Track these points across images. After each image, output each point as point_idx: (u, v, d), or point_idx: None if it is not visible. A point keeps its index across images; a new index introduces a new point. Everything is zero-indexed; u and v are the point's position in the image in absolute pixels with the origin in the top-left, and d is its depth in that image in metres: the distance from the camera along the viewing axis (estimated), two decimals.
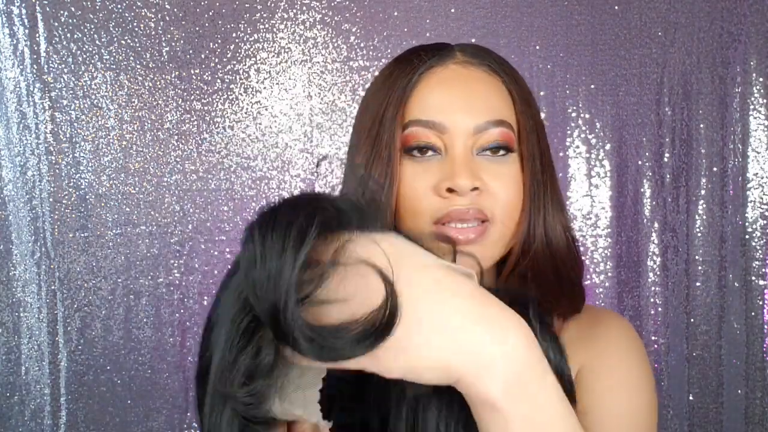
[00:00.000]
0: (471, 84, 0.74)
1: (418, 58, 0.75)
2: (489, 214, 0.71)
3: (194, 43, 1.40)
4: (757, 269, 1.44)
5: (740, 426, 1.45)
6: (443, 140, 0.72)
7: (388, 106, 0.73)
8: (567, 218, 0.77)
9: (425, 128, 0.72)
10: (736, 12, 1.42)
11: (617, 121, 1.44)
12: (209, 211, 1.42)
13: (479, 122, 0.71)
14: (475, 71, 0.75)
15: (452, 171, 0.70)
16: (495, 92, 0.74)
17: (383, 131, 0.73)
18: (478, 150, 0.72)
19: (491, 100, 0.73)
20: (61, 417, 1.40)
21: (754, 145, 1.44)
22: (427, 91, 0.73)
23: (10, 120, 1.38)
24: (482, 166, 0.72)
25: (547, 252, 0.74)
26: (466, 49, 0.77)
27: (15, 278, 1.40)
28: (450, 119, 0.71)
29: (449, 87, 0.73)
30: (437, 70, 0.74)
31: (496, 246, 0.73)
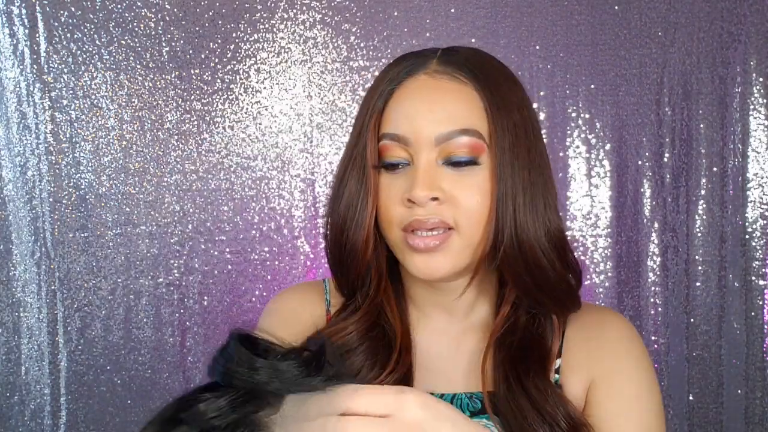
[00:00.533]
0: (437, 95, 0.75)
1: (394, 68, 0.78)
2: (452, 223, 0.73)
3: (194, 43, 1.40)
4: (757, 269, 1.44)
5: (740, 426, 1.45)
6: (408, 151, 0.74)
7: (366, 117, 0.77)
8: (551, 219, 0.76)
9: (392, 141, 0.75)
10: (736, 12, 1.42)
11: (617, 121, 1.44)
12: (209, 211, 1.42)
13: (441, 132, 0.72)
14: (443, 81, 0.76)
15: (413, 182, 0.72)
16: (462, 101, 0.74)
17: (360, 141, 0.77)
18: (443, 160, 0.73)
19: (456, 109, 0.74)
20: (61, 417, 1.40)
21: (754, 145, 1.44)
22: (395, 104, 0.76)
23: (10, 120, 1.38)
24: (446, 176, 0.73)
25: (518, 253, 0.74)
26: (444, 57, 0.78)
27: (15, 278, 1.40)
28: (412, 131, 0.73)
29: (414, 99, 0.75)
30: (407, 83, 0.76)
31: (461, 254, 0.74)
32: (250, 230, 1.42)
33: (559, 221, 0.78)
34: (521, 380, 0.74)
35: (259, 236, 1.42)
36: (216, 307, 1.42)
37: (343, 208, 0.77)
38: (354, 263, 0.77)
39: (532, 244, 0.74)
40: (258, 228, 1.42)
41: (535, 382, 0.74)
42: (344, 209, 0.77)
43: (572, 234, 1.46)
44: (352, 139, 0.79)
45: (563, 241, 0.78)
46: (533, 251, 0.75)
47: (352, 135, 0.80)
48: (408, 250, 0.74)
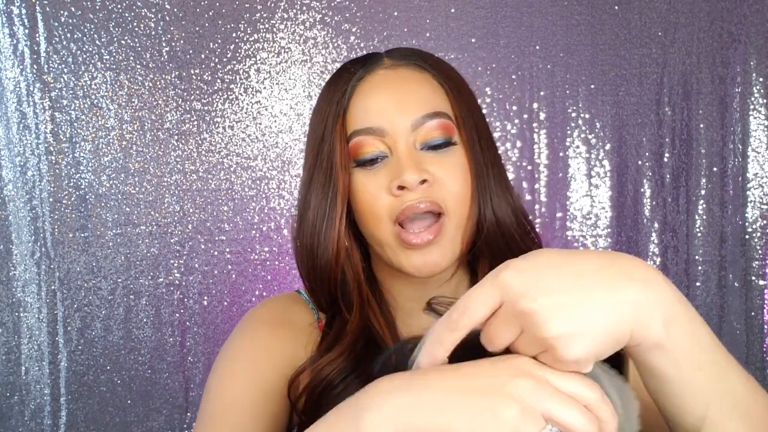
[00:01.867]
0: (401, 84, 0.77)
1: (348, 72, 0.79)
2: (443, 205, 0.73)
3: (194, 43, 1.40)
4: (757, 269, 1.44)
5: None
6: (386, 143, 0.74)
7: (327, 120, 0.77)
8: (514, 195, 0.80)
9: (367, 135, 0.74)
10: (736, 12, 1.42)
11: (617, 121, 1.44)
12: (209, 211, 1.42)
13: (415, 117, 0.74)
14: (403, 71, 0.78)
15: (399, 169, 0.72)
16: (426, 88, 0.77)
17: (324, 143, 0.77)
18: (421, 145, 0.75)
19: (423, 95, 0.76)
20: (61, 417, 1.40)
21: (754, 145, 1.44)
22: (360, 100, 0.76)
23: (10, 120, 1.38)
24: (428, 159, 0.74)
25: (498, 232, 0.77)
26: (393, 53, 0.81)
27: (15, 278, 1.40)
28: (387, 121, 0.74)
29: (381, 91, 0.76)
30: (367, 78, 0.78)
31: (454, 242, 0.75)
32: (250, 230, 1.42)
33: (520, 198, 0.82)
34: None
35: (259, 236, 1.42)
36: (216, 307, 1.42)
37: (309, 226, 0.77)
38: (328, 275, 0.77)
39: (507, 222, 0.77)
40: (258, 228, 1.42)
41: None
42: (310, 226, 0.77)
43: (572, 234, 1.46)
44: (312, 148, 0.79)
45: (526, 216, 0.81)
46: (509, 229, 0.77)
47: (311, 145, 0.79)
48: (402, 247, 0.74)
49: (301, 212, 0.79)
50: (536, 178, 1.45)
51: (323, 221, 0.76)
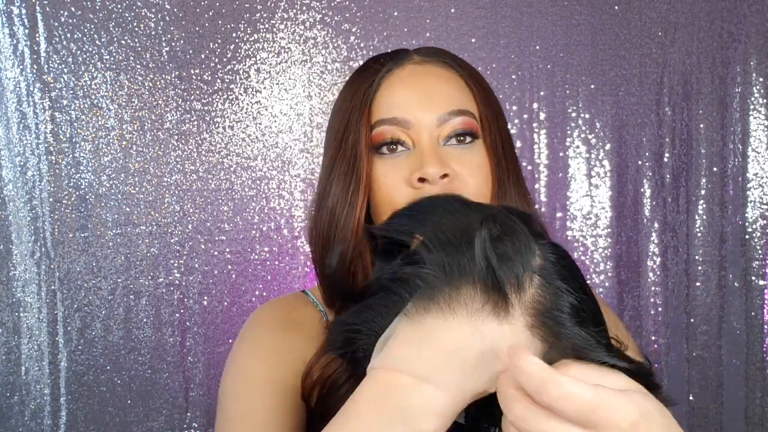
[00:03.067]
0: (429, 79, 0.77)
1: (377, 63, 0.79)
2: None
3: (194, 43, 1.40)
4: (757, 269, 1.44)
5: (740, 426, 1.45)
6: (410, 135, 0.75)
7: (353, 111, 0.77)
8: (530, 203, 0.80)
9: (391, 125, 0.75)
10: (736, 12, 1.42)
11: (617, 121, 1.44)
12: (209, 211, 1.42)
13: (441, 113, 0.74)
14: (431, 67, 0.79)
15: (421, 161, 0.72)
16: (454, 85, 0.77)
17: (348, 133, 0.76)
18: (444, 140, 0.75)
19: (451, 92, 0.76)
20: (61, 417, 1.40)
21: (754, 145, 1.44)
22: (388, 92, 0.77)
23: (10, 120, 1.38)
24: (450, 154, 0.74)
25: None
26: (422, 50, 0.81)
27: (15, 278, 1.40)
28: (413, 114, 0.74)
29: (409, 85, 0.77)
30: (396, 71, 0.78)
31: None
32: (250, 230, 1.42)
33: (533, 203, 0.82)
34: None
35: (259, 236, 1.42)
36: (216, 307, 1.42)
37: (328, 213, 0.76)
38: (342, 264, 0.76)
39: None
40: (258, 228, 1.42)
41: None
42: (329, 214, 0.76)
43: (572, 234, 1.46)
44: (335, 136, 0.78)
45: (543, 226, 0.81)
46: None
47: (334, 133, 0.79)
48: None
49: (320, 200, 0.78)
50: (536, 178, 1.45)
51: (344, 208, 0.75)
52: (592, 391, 0.41)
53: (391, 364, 0.47)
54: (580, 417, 0.41)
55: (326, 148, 0.81)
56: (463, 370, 0.45)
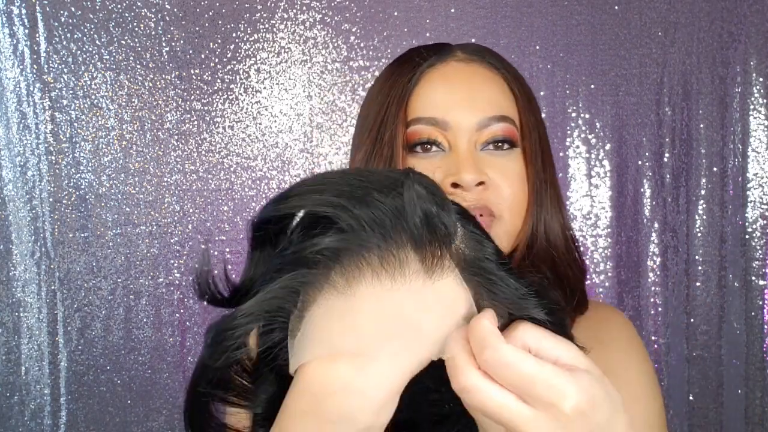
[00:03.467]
0: (473, 80, 0.73)
1: (419, 56, 0.75)
2: (495, 210, 0.70)
3: (194, 43, 1.40)
4: (757, 269, 1.44)
5: (740, 426, 1.45)
6: (446, 137, 0.71)
7: (390, 104, 0.73)
8: (566, 218, 0.77)
9: (428, 125, 0.71)
10: (736, 12, 1.42)
11: (617, 121, 1.44)
12: (209, 211, 1.42)
13: (482, 118, 0.71)
14: (476, 67, 0.75)
15: (457, 166, 0.69)
16: (497, 88, 0.74)
17: (385, 129, 0.72)
18: (481, 145, 0.72)
19: (493, 96, 0.73)
20: (61, 417, 1.40)
21: (754, 145, 1.44)
22: (429, 88, 0.73)
23: (10, 120, 1.38)
24: (487, 161, 0.71)
25: (547, 252, 0.73)
26: (467, 47, 0.77)
27: (15, 278, 1.40)
28: (452, 116, 0.71)
29: (451, 83, 0.73)
30: (439, 66, 0.74)
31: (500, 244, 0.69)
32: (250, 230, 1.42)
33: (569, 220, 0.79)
34: None
35: None
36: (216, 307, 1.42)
37: None
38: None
39: (557, 241, 0.74)
40: None
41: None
42: None
43: None
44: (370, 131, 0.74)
45: (575, 240, 0.78)
46: (557, 248, 0.74)
47: (368, 127, 0.75)
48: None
49: None
50: None
51: None
52: (531, 363, 0.40)
53: (327, 350, 0.43)
54: (519, 388, 0.40)
55: (359, 139, 0.77)
56: (407, 337, 0.43)
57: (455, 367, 0.41)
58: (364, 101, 0.79)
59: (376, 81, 0.79)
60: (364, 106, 0.79)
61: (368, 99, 0.78)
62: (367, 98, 0.79)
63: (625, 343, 0.78)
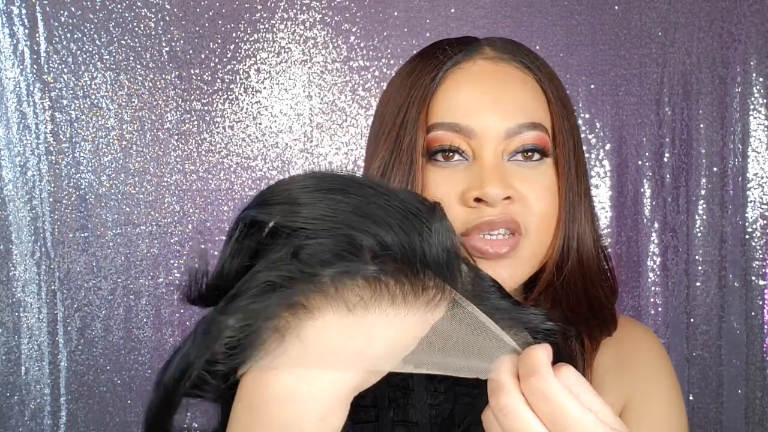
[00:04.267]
0: (501, 82, 0.67)
1: (443, 52, 0.68)
2: (522, 225, 0.65)
3: (194, 43, 1.40)
4: (757, 269, 1.44)
5: (740, 426, 1.45)
6: (471, 145, 0.65)
7: (410, 106, 0.66)
8: (599, 233, 0.71)
9: (451, 132, 0.65)
10: (736, 12, 1.42)
11: (617, 121, 1.44)
12: (209, 211, 1.42)
13: (511, 125, 0.65)
14: (506, 67, 0.68)
15: (481, 178, 0.63)
16: (528, 91, 0.68)
17: (404, 133, 0.66)
18: (509, 155, 0.66)
19: (524, 101, 0.67)
20: (61, 417, 1.40)
21: (754, 145, 1.44)
22: (453, 89, 0.66)
23: (10, 120, 1.38)
24: (514, 172, 0.65)
25: (579, 270, 0.68)
26: (496, 44, 0.70)
27: (15, 278, 1.40)
28: (478, 122, 0.64)
29: (477, 85, 0.66)
30: (464, 66, 0.67)
31: (528, 262, 0.66)
32: None
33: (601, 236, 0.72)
34: None
35: None
36: None
37: None
38: None
39: (590, 258, 0.68)
40: None
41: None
42: None
43: None
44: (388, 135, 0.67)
45: (608, 258, 0.72)
46: (590, 266, 0.68)
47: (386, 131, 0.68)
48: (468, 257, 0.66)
49: None
50: None
51: None
52: (576, 406, 0.39)
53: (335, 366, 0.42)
54: (556, 425, 0.40)
55: (375, 144, 0.70)
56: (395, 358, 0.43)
57: (500, 386, 0.41)
58: (381, 99, 0.73)
59: (394, 78, 0.72)
60: (381, 105, 0.72)
61: (386, 98, 0.72)
62: (384, 96, 0.72)
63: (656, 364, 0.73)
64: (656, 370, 0.73)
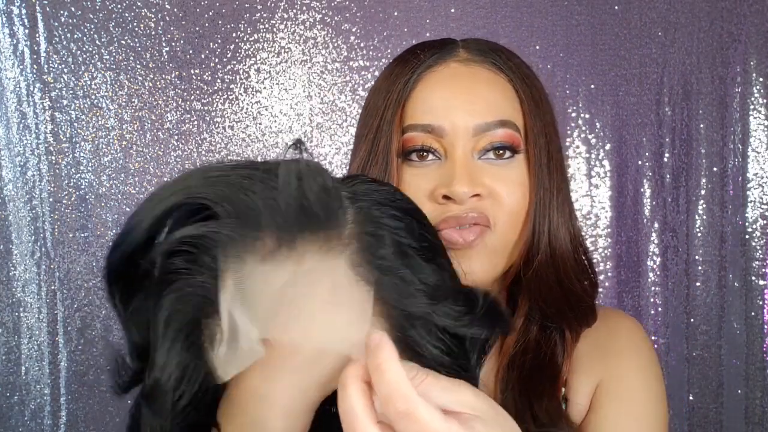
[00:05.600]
0: (472, 83, 0.70)
1: (416, 57, 0.72)
2: (492, 219, 0.67)
3: (194, 43, 1.40)
4: (757, 269, 1.44)
5: (740, 426, 1.45)
6: (443, 144, 0.68)
7: (386, 108, 0.70)
8: (576, 227, 0.72)
9: (424, 132, 0.68)
10: (736, 12, 1.42)
11: (617, 121, 1.44)
12: None
13: (479, 122, 0.67)
14: (477, 69, 0.71)
15: (450, 176, 0.66)
16: (498, 91, 0.70)
17: (381, 135, 0.69)
18: (479, 153, 0.68)
19: (494, 99, 0.69)
20: (61, 417, 1.40)
21: (754, 145, 1.44)
22: (426, 92, 0.69)
23: (10, 120, 1.38)
24: (484, 169, 0.68)
25: (550, 262, 0.69)
26: (471, 45, 0.73)
27: (15, 278, 1.40)
28: (448, 121, 0.67)
29: (448, 87, 0.69)
30: (437, 69, 0.71)
31: (497, 254, 0.68)
32: None
33: (580, 230, 0.74)
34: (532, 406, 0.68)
35: None
36: None
37: None
38: None
39: (564, 252, 0.70)
40: None
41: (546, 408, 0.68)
42: None
43: None
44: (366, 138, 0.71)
45: (586, 251, 0.74)
46: (564, 260, 0.70)
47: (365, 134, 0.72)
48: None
49: None
50: None
51: None
52: (440, 422, 0.38)
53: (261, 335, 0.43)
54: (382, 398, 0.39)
55: (357, 143, 0.73)
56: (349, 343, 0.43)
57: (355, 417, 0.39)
58: (365, 102, 0.77)
59: (377, 80, 0.76)
60: (363, 108, 0.76)
61: (368, 101, 0.75)
62: (366, 99, 0.76)
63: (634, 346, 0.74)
64: (634, 354, 0.74)
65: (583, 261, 0.73)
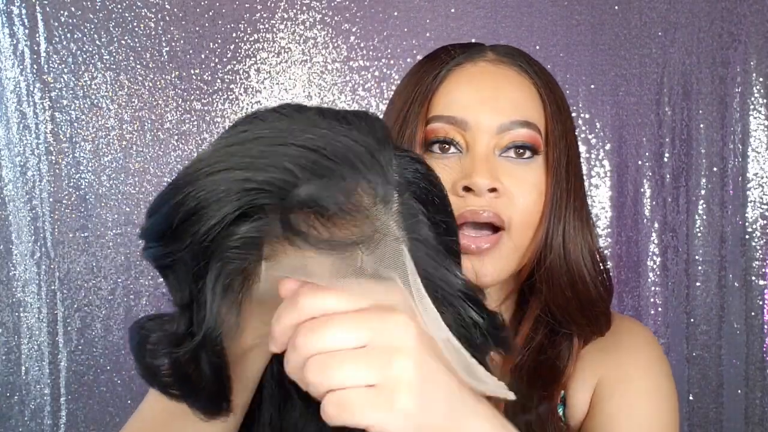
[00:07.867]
0: (499, 82, 0.72)
1: (447, 54, 0.74)
2: (506, 219, 0.68)
3: (194, 43, 1.40)
4: (757, 269, 1.44)
5: (740, 426, 1.45)
6: (465, 137, 0.69)
7: (413, 101, 0.71)
8: (593, 234, 0.73)
9: (447, 124, 0.69)
10: (736, 12, 1.42)
11: (617, 121, 1.44)
12: None
13: (504, 121, 0.69)
14: (505, 69, 0.73)
15: (471, 169, 0.67)
16: (524, 92, 0.72)
17: (406, 126, 0.71)
18: (501, 150, 0.69)
19: (519, 100, 0.71)
20: (61, 417, 1.40)
21: (754, 145, 1.44)
22: (453, 87, 0.71)
23: (10, 120, 1.38)
24: (504, 168, 0.69)
25: (564, 266, 0.70)
26: (498, 48, 0.75)
27: (15, 278, 1.40)
28: (473, 116, 0.69)
29: (476, 84, 0.71)
30: (466, 66, 0.73)
31: (509, 259, 0.69)
32: None
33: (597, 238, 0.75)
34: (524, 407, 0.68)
35: None
36: None
37: None
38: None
39: (577, 259, 0.70)
40: None
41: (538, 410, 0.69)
42: None
43: None
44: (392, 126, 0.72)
45: (603, 259, 0.74)
46: (578, 263, 0.70)
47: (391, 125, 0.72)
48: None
49: None
50: None
51: None
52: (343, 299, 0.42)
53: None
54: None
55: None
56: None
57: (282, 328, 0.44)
58: (391, 97, 0.78)
59: (404, 77, 0.77)
60: (390, 102, 0.78)
61: (394, 95, 0.77)
62: (393, 95, 0.77)
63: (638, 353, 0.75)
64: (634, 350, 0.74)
65: (599, 266, 0.73)
